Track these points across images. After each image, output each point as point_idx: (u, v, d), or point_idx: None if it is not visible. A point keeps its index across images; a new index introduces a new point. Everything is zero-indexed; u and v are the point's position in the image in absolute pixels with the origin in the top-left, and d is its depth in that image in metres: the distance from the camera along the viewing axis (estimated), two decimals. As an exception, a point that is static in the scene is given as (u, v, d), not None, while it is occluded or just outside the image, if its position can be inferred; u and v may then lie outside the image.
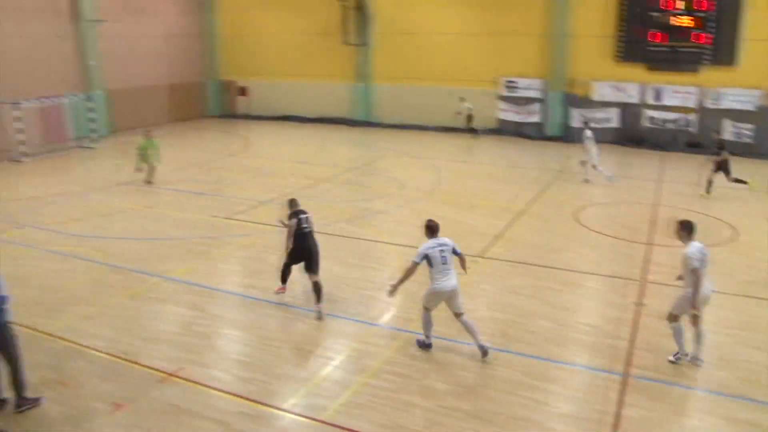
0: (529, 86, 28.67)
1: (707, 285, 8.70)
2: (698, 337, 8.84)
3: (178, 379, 8.32)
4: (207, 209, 16.48)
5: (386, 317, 10.24)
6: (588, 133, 20.10)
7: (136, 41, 30.78)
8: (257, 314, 10.44)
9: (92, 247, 13.58)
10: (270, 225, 13.84)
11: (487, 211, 16.49)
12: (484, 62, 29.16)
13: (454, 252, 8.94)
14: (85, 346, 9.21)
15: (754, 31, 24.90)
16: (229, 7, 34.78)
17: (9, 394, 7.76)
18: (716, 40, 25.38)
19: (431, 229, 9.03)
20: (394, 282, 9.02)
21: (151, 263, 12.61)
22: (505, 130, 29.39)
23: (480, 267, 12.48)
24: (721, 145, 18.62)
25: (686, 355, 8.89)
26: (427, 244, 8.85)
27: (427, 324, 9.12)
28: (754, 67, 25.27)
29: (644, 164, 23.61)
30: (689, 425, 7.59)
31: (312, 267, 10.46)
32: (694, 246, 8.63)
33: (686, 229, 8.81)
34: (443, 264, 8.75)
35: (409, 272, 8.82)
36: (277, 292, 10.89)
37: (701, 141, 26.39)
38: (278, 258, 12.32)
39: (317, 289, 10.30)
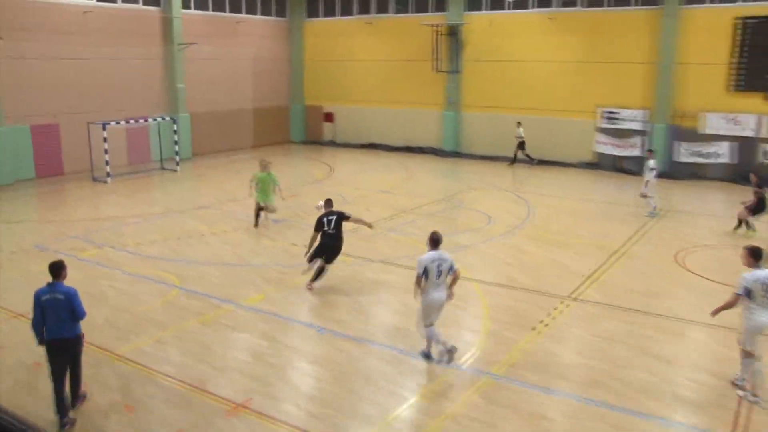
0: (631, 117, 27.99)
1: (762, 316, 8.74)
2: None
3: (245, 411, 8.43)
4: (286, 237, 16.82)
5: (466, 357, 10.07)
6: (651, 162, 20.03)
7: (223, 64, 32.19)
8: (331, 347, 10.50)
9: (168, 269, 14.09)
10: (350, 256, 14.01)
11: (580, 249, 16.08)
12: (581, 91, 28.74)
13: (451, 268, 9.66)
14: (155, 371, 9.50)
15: None
16: (317, 32, 35.91)
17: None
18: None
19: (434, 242, 9.80)
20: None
21: (226, 289, 12.94)
22: (603, 164, 28.76)
23: (570, 309, 12.15)
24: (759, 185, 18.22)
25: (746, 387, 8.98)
26: (426, 256, 9.61)
27: (432, 335, 9.78)
28: None
29: (760, 205, 22.47)
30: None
31: (330, 261, 12.79)
32: (755, 272, 8.77)
33: (753, 256, 8.99)
34: (437, 278, 9.54)
35: (417, 285, 9.65)
36: (305, 272, 12.87)
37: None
38: (352, 292, 12.46)
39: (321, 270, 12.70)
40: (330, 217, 12.68)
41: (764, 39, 25.10)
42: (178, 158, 27.06)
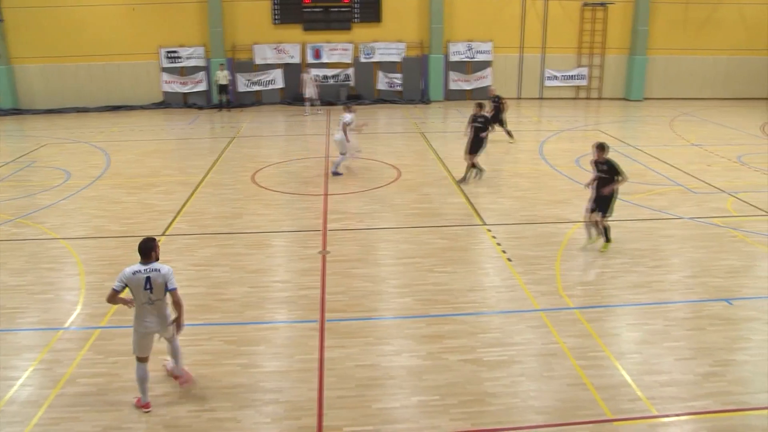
0: (191, 55, 28.22)
1: None
2: None
3: None
4: None
5: (73, 318, 9.43)
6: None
7: None
8: None
9: None
10: None
11: (166, 188, 15.96)
12: (142, 33, 27.80)
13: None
14: None
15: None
16: None
17: None
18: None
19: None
20: None
21: None
22: (171, 102, 28.67)
23: (167, 246, 12.10)
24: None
25: None
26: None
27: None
28: (396, 22, 28.32)
29: (313, 120, 24.99)
30: (384, 350, 8.36)
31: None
32: None
33: None
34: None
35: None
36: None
37: (361, 93, 28.89)
38: None
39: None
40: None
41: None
42: None
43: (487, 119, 15.98)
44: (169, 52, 28.15)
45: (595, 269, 10.89)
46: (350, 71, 28.72)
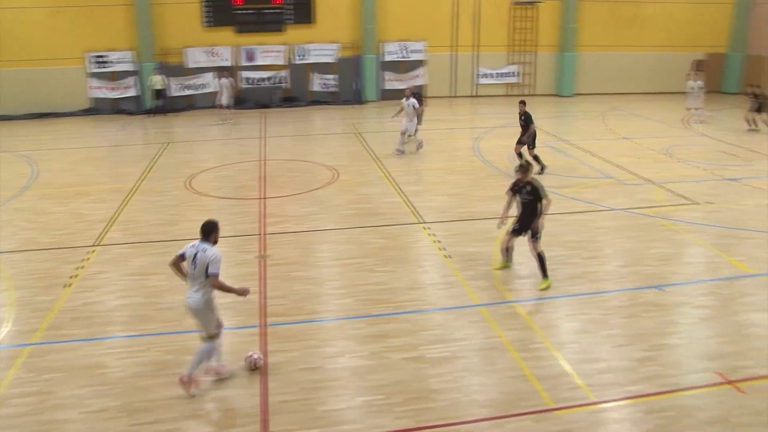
0: (120, 59, 27.51)
1: None
2: None
3: None
4: None
5: (1, 336, 9.07)
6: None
7: None
8: None
9: None
10: None
11: (98, 196, 15.51)
12: (66, 38, 26.91)
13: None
14: None
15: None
16: None
17: None
18: (295, 0, 27.68)
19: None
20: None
21: None
22: (100, 108, 27.85)
23: (99, 256, 11.77)
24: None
25: None
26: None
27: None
28: (329, 23, 28.30)
29: (248, 123, 24.72)
30: (327, 352, 8.34)
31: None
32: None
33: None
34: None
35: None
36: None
37: (296, 95, 28.77)
38: None
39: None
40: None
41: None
42: None
43: (528, 116, 16.79)
44: (96, 56, 27.33)
45: (532, 263, 11.10)
46: (284, 73, 28.53)
